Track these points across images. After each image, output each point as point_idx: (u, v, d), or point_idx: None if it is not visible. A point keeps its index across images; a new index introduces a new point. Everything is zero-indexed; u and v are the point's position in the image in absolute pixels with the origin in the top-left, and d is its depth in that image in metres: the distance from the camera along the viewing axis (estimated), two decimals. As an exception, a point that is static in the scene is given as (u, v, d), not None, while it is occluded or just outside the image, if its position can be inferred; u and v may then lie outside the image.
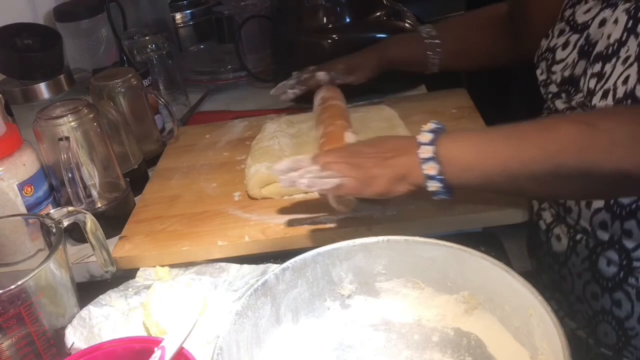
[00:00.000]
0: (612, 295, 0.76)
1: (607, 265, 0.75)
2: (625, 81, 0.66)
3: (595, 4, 0.76)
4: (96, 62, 1.16)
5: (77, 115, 0.80)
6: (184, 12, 1.50)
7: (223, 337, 0.52)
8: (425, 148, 0.66)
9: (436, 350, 0.59)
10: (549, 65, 0.81)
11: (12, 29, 0.93)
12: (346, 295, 0.63)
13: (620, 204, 0.72)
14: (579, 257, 0.79)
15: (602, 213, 0.74)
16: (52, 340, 0.63)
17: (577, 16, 0.78)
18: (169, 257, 0.77)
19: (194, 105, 1.28)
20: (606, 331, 0.78)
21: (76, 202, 0.80)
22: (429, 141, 0.66)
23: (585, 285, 0.79)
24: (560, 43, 0.79)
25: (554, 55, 0.80)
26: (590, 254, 0.77)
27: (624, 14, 0.69)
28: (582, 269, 0.79)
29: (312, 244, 0.64)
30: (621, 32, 0.69)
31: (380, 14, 1.17)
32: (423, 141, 0.66)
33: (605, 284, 0.76)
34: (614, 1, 0.72)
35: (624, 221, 0.72)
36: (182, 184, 0.92)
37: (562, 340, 0.47)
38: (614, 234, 0.74)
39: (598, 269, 0.76)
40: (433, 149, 0.66)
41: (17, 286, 0.58)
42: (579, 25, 0.77)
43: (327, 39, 1.14)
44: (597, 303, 0.78)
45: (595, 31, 0.73)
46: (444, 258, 0.59)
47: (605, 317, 0.78)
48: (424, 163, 0.66)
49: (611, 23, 0.71)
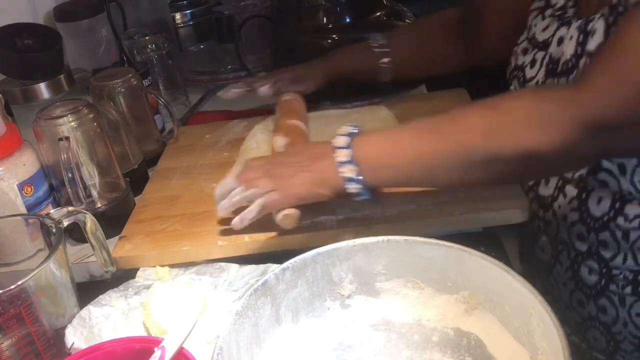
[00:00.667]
0: (596, 302, 0.77)
1: (588, 274, 0.76)
2: None
3: (552, 21, 0.78)
4: (96, 62, 1.16)
5: (77, 115, 0.80)
6: (184, 12, 1.50)
7: (223, 337, 0.52)
8: (341, 152, 0.68)
9: (436, 350, 0.59)
10: (521, 82, 0.82)
11: (12, 29, 0.93)
12: (346, 295, 0.63)
13: (592, 216, 0.73)
14: (562, 266, 0.80)
15: (578, 226, 0.75)
16: (52, 340, 0.63)
17: (537, 35, 0.80)
18: (169, 257, 0.77)
19: (194, 105, 1.28)
20: (595, 336, 0.79)
21: (76, 202, 0.80)
22: (345, 144, 0.68)
23: (571, 293, 0.80)
24: (527, 61, 0.81)
25: (524, 74, 0.82)
26: (572, 263, 0.78)
27: (576, 31, 0.72)
28: (566, 278, 0.80)
29: (312, 244, 0.64)
30: (574, 47, 0.71)
31: (380, 14, 1.17)
32: (339, 145, 0.68)
33: (588, 291, 0.77)
34: (568, 19, 0.75)
35: (599, 232, 0.73)
36: (182, 184, 0.92)
37: (562, 340, 0.47)
38: (591, 245, 0.75)
39: (581, 278, 0.77)
40: (349, 152, 0.67)
41: (17, 286, 0.58)
42: (540, 43, 0.79)
43: (327, 39, 1.14)
44: (583, 310, 0.79)
45: (556, 50, 0.76)
46: (444, 258, 0.59)
47: (593, 323, 0.79)
48: (341, 166, 0.67)
49: (567, 40, 0.73)
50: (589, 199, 0.73)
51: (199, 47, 1.53)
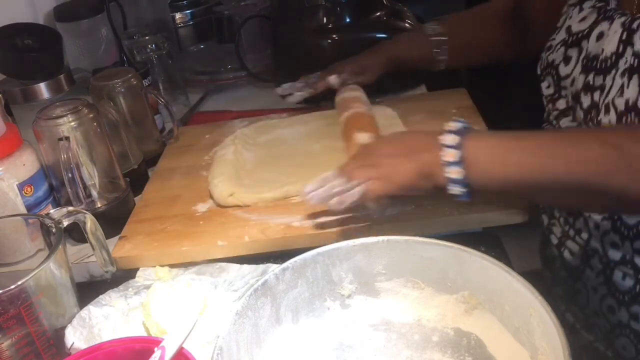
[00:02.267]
0: (629, 309, 0.75)
1: (622, 279, 0.74)
2: (621, 93, 0.66)
3: (590, 12, 0.75)
4: (96, 62, 1.16)
5: (77, 115, 0.80)
6: (184, 12, 1.50)
7: (223, 337, 0.52)
8: (449, 151, 0.63)
9: (436, 350, 0.59)
10: (555, 80, 0.80)
11: (12, 29, 0.93)
12: (346, 295, 0.63)
13: (626, 225, 0.72)
14: (593, 271, 0.78)
15: (611, 235, 0.74)
16: (52, 340, 0.63)
17: (573, 25, 0.77)
18: (169, 257, 0.77)
19: (194, 105, 1.28)
20: (624, 345, 0.77)
21: (76, 202, 0.80)
22: (454, 144, 0.64)
23: (601, 299, 0.78)
24: (560, 58, 0.79)
25: (557, 72, 0.79)
26: (604, 268, 0.76)
27: (620, 27, 0.69)
28: (597, 283, 0.78)
29: (312, 244, 0.64)
30: (617, 44, 0.69)
31: (380, 14, 1.17)
32: (447, 143, 0.64)
33: (621, 297, 0.75)
34: (610, 14, 0.72)
35: (634, 241, 0.72)
36: (182, 184, 0.92)
37: (562, 340, 0.47)
38: (626, 253, 0.73)
39: (613, 283, 0.75)
40: (458, 153, 0.63)
41: (17, 286, 0.58)
42: (574, 35, 0.76)
43: (327, 39, 1.14)
44: (614, 317, 0.77)
45: (594, 45, 0.73)
46: (444, 258, 0.59)
47: (623, 331, 0.77)
48: (448, 166, 0.64)
49: (609, 37, 0.70)
50: None
51: (199, 47, 1.53)
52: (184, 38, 1.51)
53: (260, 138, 1.00)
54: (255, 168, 0.91)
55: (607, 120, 0.69)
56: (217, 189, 0.84)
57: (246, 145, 0.97)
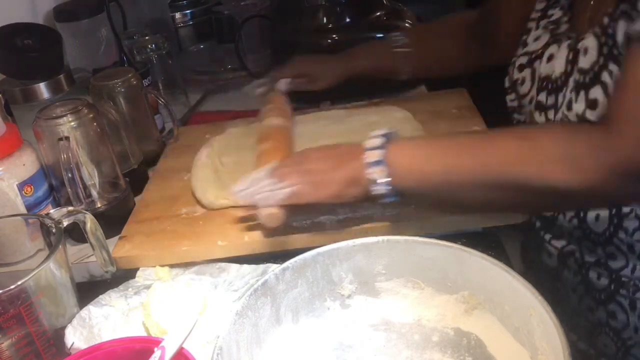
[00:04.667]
0: (606, 307, 0.77)
1: (597, 279, 0.76)
2: (570, 107, 0.69)
3: (543, 33, 0.79)
4: (96, 62, 1.16)
5: (77, 115, 0.80)
6: (184, 12, 1.50)
7: (223, 337, 0.52)
8: (372, 152, 0.68)
9: (436, 350, 0.59)
10: (518, 97, 0.83)
11: (12, 29, 0.93)
12: (346, 295, 0.63)
13: (595, 232, 0.74)
14: (570, 271, 0.80)
15: (585, 241, 0.76)
16: (52, 340, 0.63)
17: (530, 43, 0.81)
18: (169, 257, 0.77)
19: (193, 105, 1.28)
20: (605, 343, 0.79)
21: (76, 202, 0.80)
22: (377, 145, 0.68)
23: (580, 298, 0.80)
24: (520, 78, 0.82)
25: (517, 90, 0.83)
26: (580, 268, 0.78)
27: (566, 49, 0.73)
28: (575, 283, 0.80)
29: (312, 244, 0.64)
30: (564, 64, 0.72)
31: (380, 14, 1.17)
32: (370, 146, 0.68)
33: (598, 296, 0.77)
34: (559, 37, 0.76)
35: (605, 246, 0.74)
36: (182, 184, 0.92)
37: (562, 341, 0.47)
38: (599, 257, 0.76)
39: (590, 282, 0.77)
40: (382, 152, 0.67)
41: (17, 286, 0.58)
42: (531, 53, 0.80)
43: (327, 39, 1.14)
44: (593, 315, 0.79)
45: (545, 66, 0.76)
46: (444, 258, 0.59)
47: (603, 329, 0.78)
48: (370, 167, 0.67)
49: (558, 58, 0.74)
50: (587, 217, 0.74)
51: (199, 47, 1.53)
52: (184, 38, 1.51)
53: (244, 140, 0.99)
54: (238, 169, 0.88)
55: None
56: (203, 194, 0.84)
57: (226, 148, 0.96)
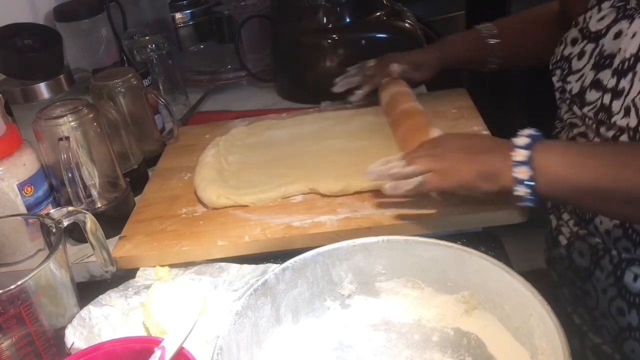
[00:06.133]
0: (639, 311, 0.74)
1: (633, 281, 0.74)
2: None
3: (609, 12, 0.74)
4: (96, 62, 1.16)
5: (77, 115, 0.80)
6: (184, 12, 1.50)
7: (223, 337, 0.52)
8: (520, 151, 0.64)
9: (436, 350, 0.59)
10: (565, 74, 0.80)
11: (12, 29, 0.93)
12: (346, 295, 0.63)
13: (638, 232, 0.71)
14: (603, 272, 0.77)
15: (623, 241, 0.73)
16: (52, 340, 0.63)
17: (591, 24, 0.76)
18: (169, 257, 0.77)
19: (194, 105, 1.28)
20: (633, 348, 0.77)
21: (76, 202, 0.80)
22: (524, 145, 0.64)
23: (610, 301, 0.77)
24: (575, 52, 0.78)
25: (569, 65, 0.79)
26: (615, 269, 0.75)
27: None
28: (607, 285, 0.77)
29: (312, 244, 0.64)
30: (638, 46, 0.68)
31: (380, 14, 1.17)
32: (519, 144, 0.65)
33: (632, 299, 0.74)
34: (630, 12, 0.71)
35: None
36: (182, 184, 0.92)
37: (562, 341, 0.47)
38: (637, 258, 0.73)
39: (624, 284, 0.75)
40: (528, 153, 0.64)
41: (17, 286, 0.58)
42: (592, 34, 0.76)
43: (327, 39, 1.14)
44: (623, 319, 0.76)
45: (610, 43, 0.72)
46: (444, 258, 0.59)
47: (632, 334, 0.76)
48: (516, 166, 0.64)
49: (628, 37, 0.69)
50: None
51: (199, 47, 1.53)
52: (184, 38, 1.51)
53: (248, 140, 0.99)
54: (242, 169, 0.91)
55: (624, 123, 0.68)
56: (205, 192, 0.84)
57: (231, 147, 0.97)
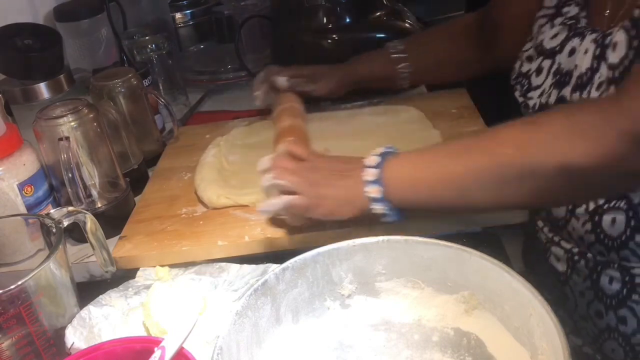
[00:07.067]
0: (616, 313, 0.75)
1: (609, 283, 0.75)
2: None
3: (561, 29, 0.77)
4: (96, 62, 1.16)
5: (77, 115, 0.80)
6: (184, 12, 1.50)
7: (223, 337, 0.52)
8: (370, 171, 0.66)
9: (436, 350, 0.59)
10: (524, 90, 0.81)
11: (12, 29, 0.93)
12: (346, 295, 0.63)
13: (610, 236, 0.72)
14: (579, 276, 0.78)
15: (597, 245, 0.74)
16: (52, 340, 0.63)
17: (545, 42, 0.78)
18: (169, 257, 0.77)
19: (194, 105, 1.28)
20: (613, 348, 0.78)
21: (76, 202, 0.80)
22: (375, 164, 0.66)
23: (588, 303, 0.78)
24: (533, 69, 0.80)
25: (529, 81, 0.80)
26: (591, 272, 0.76)
27: (592, 44, 0.70)
28: (584, 288, 0.78)
29: (312, 244, 0.64)
30: (591, 60, 0.70)
31: (380, 14, 1.17)
32: (368, 164, 0.67)
33: (608, 301, 0.75)
34: (581, 30, 0.73)
35: (619, 250, 0.73)
36: (182, 184, 0.92)
37: (562, 341, 0.47)
38: (612, 261, 0.74)
39: (600, 287, 0.76)
40: (378, 172, 0.66)
41: (17, 286, 0.58)
42: (547, 51, 0.78)
43: (327, 39, 1.14)
44: (601, 321, 0.77)
45: (566, 60, 0.74)
46: (444, 258, 0.59)
47: (611, 335, 0.77)
48: (367, 185, 0.66)
49: (581, 53, 0.71)
50: (602, 220, 0.72)
51: (199, 47, 1.53)
52: (184, 38, 1.51)
53: (248, 140, 0.99)
54: (242, 169, 0.91)
55: None
56: (205, 192, 0.84)
57: (232, 147, 0.97)
